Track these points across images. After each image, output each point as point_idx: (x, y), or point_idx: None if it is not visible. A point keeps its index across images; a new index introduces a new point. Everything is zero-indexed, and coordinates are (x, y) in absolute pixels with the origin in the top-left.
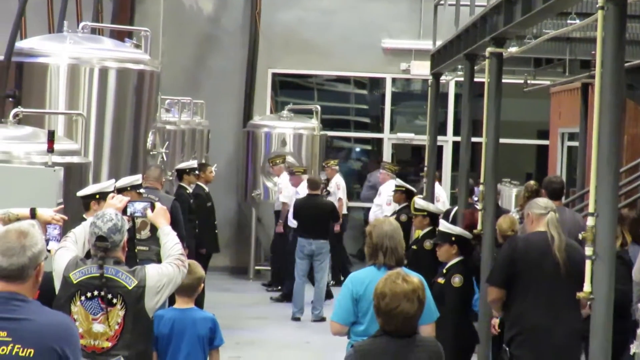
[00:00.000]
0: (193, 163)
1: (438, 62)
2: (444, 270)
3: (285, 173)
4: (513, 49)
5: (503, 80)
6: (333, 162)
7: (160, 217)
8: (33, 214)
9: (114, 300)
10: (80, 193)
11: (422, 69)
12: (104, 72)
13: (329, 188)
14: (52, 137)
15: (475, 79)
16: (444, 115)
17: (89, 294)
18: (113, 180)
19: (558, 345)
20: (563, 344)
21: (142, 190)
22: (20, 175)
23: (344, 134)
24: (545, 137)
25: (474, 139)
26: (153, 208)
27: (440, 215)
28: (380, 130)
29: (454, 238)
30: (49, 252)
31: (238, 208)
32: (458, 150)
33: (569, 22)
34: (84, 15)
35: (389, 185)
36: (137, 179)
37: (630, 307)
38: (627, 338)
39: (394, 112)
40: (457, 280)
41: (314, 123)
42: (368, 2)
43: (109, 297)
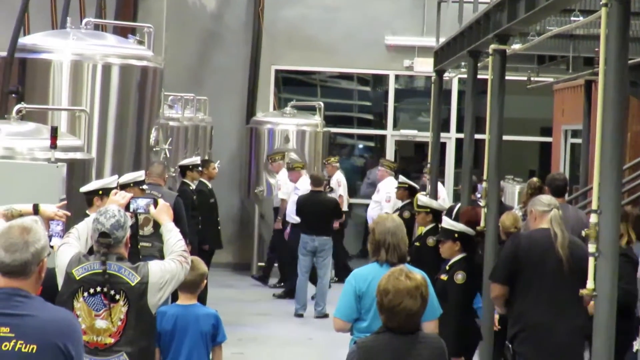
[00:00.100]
0: (196, 159)
1: (441, 59)
2: (447, 267)
3: (285, 170)
4: (516, 46)
5: (506, 77)
6: (333, 159)
7: (163, 213)
8: (36, 210)
9: (117, 297)
10: (83, 189)
11: (425, 66)
12: (107, 68)
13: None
14: (55, 133)
15: (479, 76)
16: (447, 112)
17: (92, 290)
18: (116, 177)
19: (561, 342)
20: (566, 341)
21: (145, 187)
22: (23, 171)
23: (347, 131)
24: (549, 134)
25: (477, 136)
26: (156, 204)
27: (443, 212)
28: (384, 127)
29: (457, 235)
30: (52, 248)
31: (241, 204)
32: (461, 147)
33: (573, 19)
34: (87, 12)
35: (388, 182)
36: (140, 176)
37: (635, 306)
38: (631, 338)
39: (397, 108)
40: (460, 277)
41: (317, 120)
42: None
43: (112, 293)
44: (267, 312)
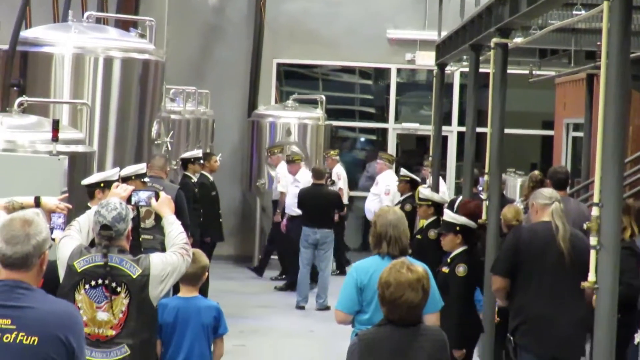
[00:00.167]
0: (198, 152)
1: (443, 52)
2: (449, 260)
3: (283, 163)
4: (518, 40)
5: (508, 71)
6: (333, 152)
7: (165, 206)
8: (37, 203)
9: (118, 289)
10: (85, 182)
11: (427, 60)
12: (109, 61)
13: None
14: (56, 126)
15: (481, 70)
16: (449, 106)
17: (93, 283)
18: (118, 169)
19: (562, 335)
20: (567, 334)
21: (146, 179)
22: (25, 164)
23: (349, 124)
24: (550, 127)
25: (479, 129)
26: (157, 197)
27: (445, 205)
28: (385, 121)
29: (459, 227)
30: (53, 240)
31: (242, 197)
32: (463, 141)
33: (575, 12)
34: (89, 5)
35: (386, 175)
36: (141, 168)
37: (637, 299)
38: (633, 330)
39: (399, 102)
40: (461, 270)
41: (319, 113)
42: None
43: (113, 285)
44: (268, 304)
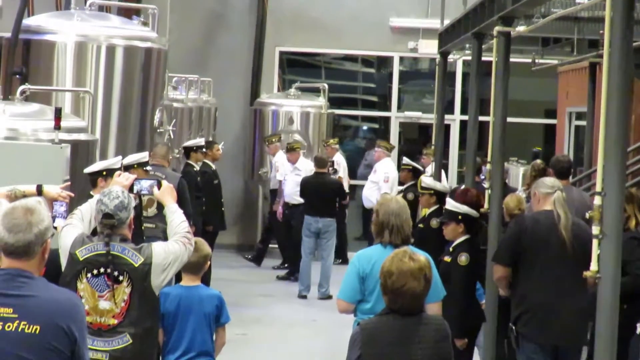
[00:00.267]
0: (200, 141)
1: (446, 41)
2: (451, 249)
3: (281, 152)
4: (521, 28)
5: (511, 60)
6: (333, 140)
7: (167, 194)
8: (39, 191)
9: (120, 278)
10: (88, 170)
11: (429, 48)
12: (111, 49)
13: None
14: (59, 114)
15: (483, 58)
16: (452, 94)
17: (95, 271)
18: (120, 157)
19: (564, 324)
20: (569, 323)
21: (148, 168)
22: (27, 152)
23: (352, 113)
24: (553, 116)
25: (482, 118)
26: (160, 186)
27: (447, 194)
28: (388, 109)
29: (461, 216)
30: (55, 229)
31: (245, 186)
32: (465, 129)
33: (577, 1)
34: None
35: (385, 163)
36: (144, 157)
37: None
38: (636, 320)
39: (402, 90)
40: (463, 259)
41: (322, 101)
42: None
43: (115, 274)
44: (270, 293)
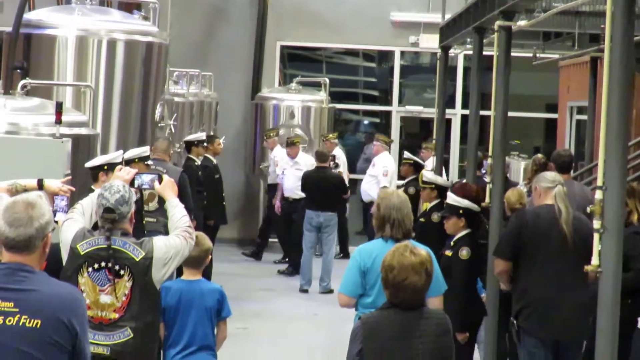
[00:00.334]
0: (201, 135)
1: (447, 35)
2: (452, 243)
3: (279, 146)
4: (522, 23)
5: (512, 54)
6: (332, 135)
7: (168, 189)
8: (40, 185)
9: (121, 272)
10: (88, 164)
11: (431, 42)
12: (112, 44)
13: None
14: (60, 108)
15: (484, 53)
16: (453, 89)
17: (96, 265)
18: (121, 152)
19: (565, 318)
20: (570, 317)
21: (150, 162)
22: (28, 147)
23: (353, 107)
24: (554, 110)
25: (483, 112)
26: (160, 180)
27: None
28: (389, 103)
29: (462, 211)
30: (56, 223)
31: (246, 180)
32: (466, 124)
33: None
34: None
35: (383, 157)
36: (145, 151)
37: None
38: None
39: (403, 85)
40: (464, 253)
41: (323, 96)
42: None
43: (116, 268)
44: (272, 287)
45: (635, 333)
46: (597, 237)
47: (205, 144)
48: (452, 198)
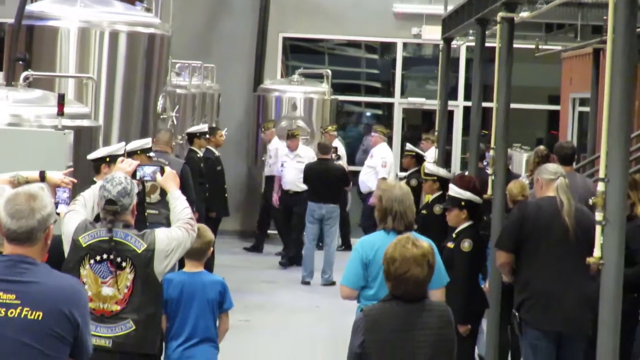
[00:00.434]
0: (203, 127)
1: (449, 26)
2: (454, 235)
3: (277, 138)
4: (524, 14)
5: (514, 46)
6: (331, 127)
7: (170, 181)
8: (42, 177)
9: (123, 264)
10: (91, 156)
11: (433, 34)
12: (115, 35)
13: None
14: (62, 100)
15: (487, 44)
16: (455, 80)
17: (98, 258)
18: (123, 144)
19: (567, 310)
20: (572, 309)
21: (152, 154)
22: (30, 139)
23: (355, 99)
24: (557, 102)
25: (485, 104)
26: (163, 172)
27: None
28: (391, 95)
29: (464, 203)
30: (58, 215)
31: (248, 172)
32: (469, 115)
33: None
34: None
35: (381, 148)
36: (147, 143)
37: None
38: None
39: (405, 76)
40: (466, 245)
41: (325, 87)
42: None
43: (118, 260)
44: (273, 279)
45: (639, 327)
46: (599, 229)
47: (208, 136)
48: (454, 190)
